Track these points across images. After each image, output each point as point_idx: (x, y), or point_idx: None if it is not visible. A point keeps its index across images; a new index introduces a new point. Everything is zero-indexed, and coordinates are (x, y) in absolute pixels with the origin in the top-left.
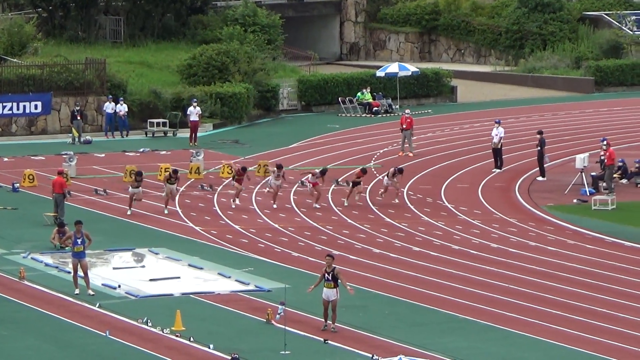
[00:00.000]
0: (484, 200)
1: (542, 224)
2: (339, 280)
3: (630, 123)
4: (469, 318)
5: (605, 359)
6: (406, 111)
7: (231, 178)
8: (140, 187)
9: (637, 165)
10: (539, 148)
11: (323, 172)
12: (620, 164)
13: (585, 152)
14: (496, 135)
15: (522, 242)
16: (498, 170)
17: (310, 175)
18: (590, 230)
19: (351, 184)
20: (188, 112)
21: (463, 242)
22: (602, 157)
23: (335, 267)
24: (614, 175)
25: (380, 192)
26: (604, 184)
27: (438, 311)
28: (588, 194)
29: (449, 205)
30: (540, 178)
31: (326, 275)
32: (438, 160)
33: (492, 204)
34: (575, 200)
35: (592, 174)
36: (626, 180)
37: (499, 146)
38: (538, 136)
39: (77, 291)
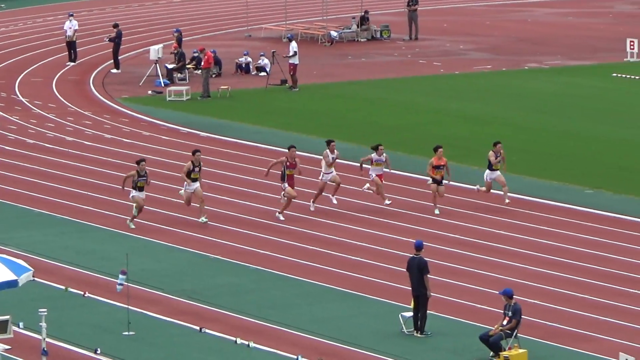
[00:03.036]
0: (59, 93)
1: (117, 116)
2: None
3: (203, 14)
4: (44, 212)
5: None
6: None
7: None
8: None
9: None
10: (108, 40)
11: None
12: (195, 54)
13: (159, 43)
14: (70, 28)
15: (97, 134)
16: (72, 64)
17: None
18: (165, 121)
19: None
20: None
21: (38, 136)
22: (179, 50)
23: None
24: (188, 66)
25: None
26: (179, 75)
27: (14, 206)
28: (163, 85)
29: (23, 100)
30: (114, 70)
31: None
32: (11, 55)
33: (67, 97)
34: (150, 92)
35: (167, 65)
36: (200, 71)
37: (73, 39)
38: (114, 29)
39: None
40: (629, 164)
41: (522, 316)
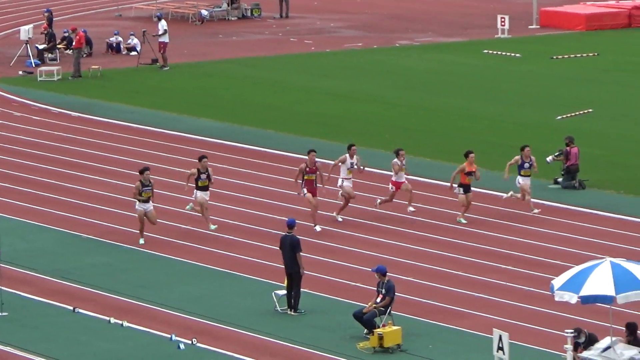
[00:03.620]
0: None
1: None
2: None
3: None
4: None
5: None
6: None
7: None
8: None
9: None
10: None
11: None
12: (66, 34)
13: (29, 23)
14: None
15: None
16: None
17: None
18: (36, 101)
19: None
20: None
21: None
22: (49, 31)
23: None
24: (59, 46)
25: None
26: (49, 55)
27: None
28: (33, 65)
29: None
30: None
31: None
32: None
33: None
34: (20, 72)
35: (37, 45)
36: (71, 51)
37: None
38: None
39: None
40: (498, 140)
41: (396, 293)
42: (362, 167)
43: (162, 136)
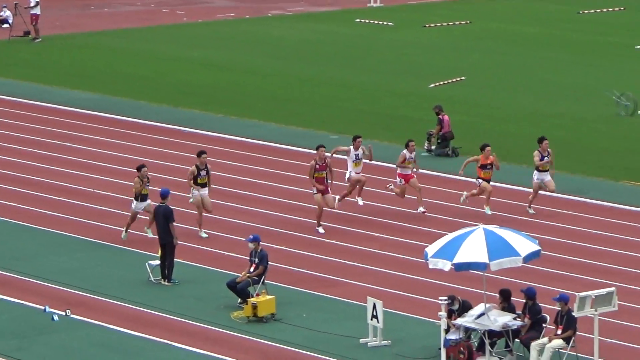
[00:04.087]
0: None
1: None
2: None
3: None
4: None
5: None
6: None
7: None
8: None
9: None
10: None
11: None
12: None
13: None
14: None
15: None
16: None
17: None
18: None
19: None
20: None
21: None
22: None
23: None
24: None
25: None
26: None
27: None
28: None
29: None
30: None
31: None
32: None
33: None
34: None
35: None
36: None
37: None
38: None
39: None
40: (372, 109)
41: (269, 262)
42: (368, 154)
43: (35, 108)
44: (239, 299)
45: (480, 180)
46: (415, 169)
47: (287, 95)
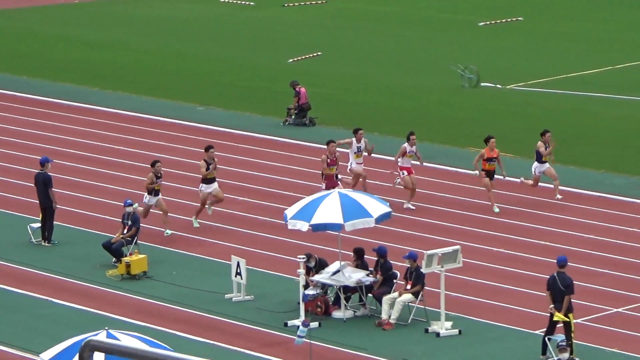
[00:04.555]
0: None
1: None
2: None
3: None
4: None
5: None
6: None
7: None
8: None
9: None
10: None
11: None
12: None
13: None
14: None
15: None
16: None
17: None
18: None
19: None
20: None
21: None
22: None
23: None
24: None
25: None
26: None
27: None
28: None
29: None
30: None
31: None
32: None
33: None
34: None
35: None
36: None
37: None
38: None
39: None
40: (235, 81)
41: (141, 224)
42: (370, 148)
43: None
44: (114, 258)
45: (483, 173)
46: (420, 163)
47: (156, 68)
